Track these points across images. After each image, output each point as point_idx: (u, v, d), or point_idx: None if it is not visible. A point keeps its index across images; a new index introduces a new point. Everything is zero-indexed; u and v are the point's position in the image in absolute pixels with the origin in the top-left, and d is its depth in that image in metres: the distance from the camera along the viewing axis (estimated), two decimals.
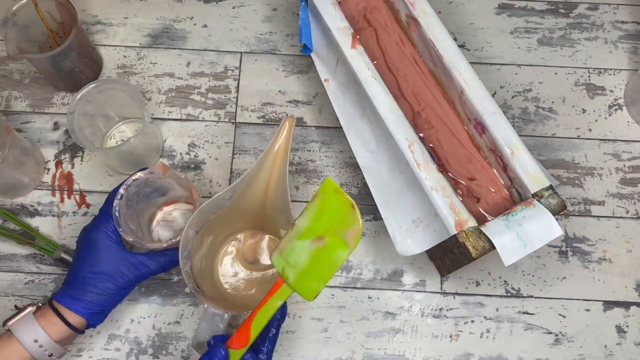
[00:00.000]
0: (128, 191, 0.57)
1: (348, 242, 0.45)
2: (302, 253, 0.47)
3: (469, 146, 0.60)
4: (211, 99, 0.72)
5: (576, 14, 0.77)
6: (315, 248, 0.46)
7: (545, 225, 0.53)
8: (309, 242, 0.47)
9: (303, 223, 0.47)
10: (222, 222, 0.61)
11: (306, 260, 0.47)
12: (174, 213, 0.67)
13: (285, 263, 0.47)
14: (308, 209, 0.47)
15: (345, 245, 0.45)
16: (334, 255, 0.46)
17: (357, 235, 0.45)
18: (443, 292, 0.65)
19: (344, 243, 0.45)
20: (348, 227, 0.45)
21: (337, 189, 0.46)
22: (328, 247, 0.46)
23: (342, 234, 0.45)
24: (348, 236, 0.45)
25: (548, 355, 0.63)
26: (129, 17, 0.76)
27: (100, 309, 0.55)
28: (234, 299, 0.62)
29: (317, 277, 0.46)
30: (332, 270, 0.46)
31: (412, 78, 0.63)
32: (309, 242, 0.47)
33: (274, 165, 0.57)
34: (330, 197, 0.46)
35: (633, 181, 0.69)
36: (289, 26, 0.76)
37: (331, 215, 0.46)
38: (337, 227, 0.46)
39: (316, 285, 0.46)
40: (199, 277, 0.59)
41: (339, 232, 0.46)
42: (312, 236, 0.47)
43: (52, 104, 0.71)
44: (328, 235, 0.46)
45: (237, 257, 0.64)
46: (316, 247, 0.46)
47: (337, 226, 0.46)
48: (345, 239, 0.45)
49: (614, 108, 0.72)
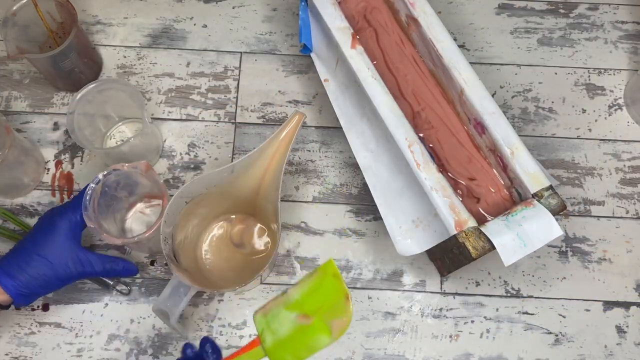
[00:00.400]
0: (107, 178, 0.57)
1: (332, 331, 0.44)
2: (285, 323, 0.46)
3: (468, 146, 0.60)
4: (211, 99, 0.72)
5: (576, 14, 0.77)
6: (299, 324, 0.45)
7: (545, 226, 0.53)
8: (294, 315, 0.46)
9: (295, 294, 0.46)
10: (215, 200, 0.61)
11: (287, 332, 0.45)
12: (150, 210, 0.67)
13: (267, 326, 0.46)
14: (304, 282, 0.46)
15: (329, 333, 0.44)
16: (315, 339, 0.45)
17: (345, 326, 0.44)
18: (443, 292, 0.65)
19: (328, 330, 0.44)
20: (337, 316, 0.44)
21: (337, 274, 0.45)
22: (312, 328, 0.45)
23: (329, 321, 0.44)
24: (334, 325, 0.44)
25: (548, 355, 0.63)
26: (129, 17, 0.76)
27: (29, 291, 0.54)
28: (210, 276, 0.63)
29: (293, 352, 0.45)
30: (309, 352, 0.45)
31: (412, 78, 0.63)
32: (295, 316, 0.46)
33: (274, 155, 0.58)
34: (328, 280, 0.45)
35: (633, 181, 0.69)
36: (289, 26, 0.76)
37: (324, 298, 0.45)
38: (327, 311, 0.45)
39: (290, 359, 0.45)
40: (179, 247, 0.59)
41: (327, 317, 0.45)
42: (300, 311, 0.45)
43: (52, 104, 0.71)
44: (316, 316, 0.45)
45: (224, 237, 0.65)
46: (300, 323, 0.45)
47: (326, 310, 0.45)
48: (331, 326, 0.44)
49: (614, 108, 0.72)
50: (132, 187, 0.63)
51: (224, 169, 0.57)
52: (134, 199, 0.66)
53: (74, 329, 0.63)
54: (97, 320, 0.63)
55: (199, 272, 0.62)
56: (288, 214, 0.67)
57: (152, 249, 0.64)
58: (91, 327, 0.63)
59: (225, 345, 0.62)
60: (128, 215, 0.66)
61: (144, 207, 0.67)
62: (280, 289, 0.64)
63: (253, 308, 0.64)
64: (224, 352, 0.62)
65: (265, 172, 0.59)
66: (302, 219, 0.67)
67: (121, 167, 0.58)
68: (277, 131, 0.57)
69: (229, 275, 0.63)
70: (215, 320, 0.63)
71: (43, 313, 0.63)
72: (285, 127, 0.57)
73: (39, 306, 0.63)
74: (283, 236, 0.67)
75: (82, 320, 0.63)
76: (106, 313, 0.63)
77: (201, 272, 0.63)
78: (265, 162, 0.58)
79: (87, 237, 0.66)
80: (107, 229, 0.59)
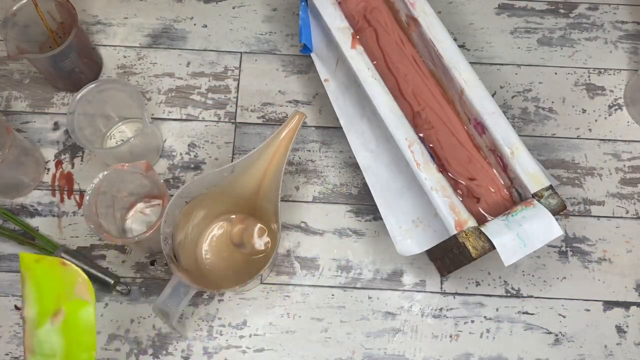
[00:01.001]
0: (107, 178, 0.58)
1: (84, 298, 0.43)
2: (51, 338, 0.43)
3: (468, 146, 0.60)
4: (211, 99, 0.72)
5: (576, 14, 0.77)
6: (59, 324, 0.43)
7: (545, 225, 0.53)
8: (49, 324, 0.43)
9: (30, 310, 0.44)
10: (215, 200, 0.61)
11: (60, 342, 0.43)
12: (150, 210, 0.67)
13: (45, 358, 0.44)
14: (25, 294, 0.44)
15: (84, 302, 0.43)
16: (81, 318, 0.43)
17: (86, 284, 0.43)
18: (443, 292, 0.65)
19: (80, 301, 0.43)
20: (73, 284, 0.43)
21: (38, 257, 0.44)
22: (69, 315, 0.43)
23: (73, 294, 0.43)
24: (79, 291, 0.43)
25: (548, 355, 0.63)
26: (129, 17, 0.76)
27: None
28: (210, 276, 0.63)
29: (81, 347, 0.43)
30: (90, 333, 0.43)
31: (412, 78, 0.63)
32: (50, 324, 0.43)
33: (274, 155, 0.58)
34: (37, 270, 0.43)
35: (633, 181, 0.69)
36: (289, 26, 0.76)
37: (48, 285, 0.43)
38: (64, 290, 0.43)
39: (87, 355, 0.43)
40: (179, 247, 0.59)
41: (69, 294, 0.43)
42: (48, 316, 0.43)
43: (52, 104, 0.71)
44: (62, 304, 0.43)
45: (224, 237, 0.65)
46: (59, 322, 0.43)
47: (63, 290, 0.43)
48: (80, 296, 0.43)
49: (614, 108, 0.72)
50: (132, 187, 0.63)
51: (224, 169, 0.57)
52: (134, 199, 0.66)
53: None
54: (97, 320, 0.63)
55: (199, 272, 0.62)
56: (288, 214, 0.67)
57: (152, 249, 0.64)
58: None
59: (225, 345, 0.62)
60: (128, 215, 0.66)
61: (144, 207, 0.67)
62: (280, 288, 0.64)
63: (253, 308, 0.64)
64: (224, 351, 0.62)
65: (265, 172, 0.59)
66: (302, 219, 0.67)
67: (121, 167, 0.58)
68: (277, 131, 0.57)
69: (229, 275, 0.63)
70: (215, 320, 0.63)
71: None
72: (285, 127, 0.57)
73: None
74: (283, 236, 0.67)
75: None
76: (106, 313, 0.63)
77: (201, 272, 0.63)
78: (265, 162, 0.58)
79: (87, 237, 0.66)
80: (107, 229, 0.59)
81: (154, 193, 0.65)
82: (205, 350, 0.62)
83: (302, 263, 0.66)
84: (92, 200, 0.57)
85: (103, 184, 0.58)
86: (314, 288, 0.65)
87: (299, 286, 0.65)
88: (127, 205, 0.66)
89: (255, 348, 0.63)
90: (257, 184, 0.60)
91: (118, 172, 0.58)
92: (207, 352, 0.62)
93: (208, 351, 0.62)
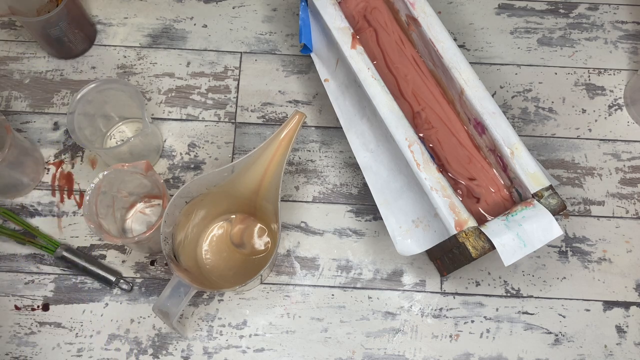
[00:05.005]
0: (107, 177, 0.58)
1: None
2: None
3: (468, 146, 0.60)
4: (211, 99, 0.72)
5: (576, 14, 0.77)
6: None
7: (545, 225, 0.53)
8: None
9: None
10: (215, 200, 0.61)
11: None
12: (150, 210, 0.67)
13: None
14: None
15: None
16: None
17: None
18: (443, 292, 0.65)
19: None
20: None
21: None
22: None
23: None
24: None
25: (548, 355, 0.63)
26: (129, 17, 0.76)
27: None
28: (210, 276, 0.63)
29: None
30: None
31: (412, 78, 0.63)
32: None
33: (274, 155, 0.58)
34: None
35: (633, 181, 0.69)
36: (289, 26, 0.76)
37: None
38: None
39: None
40: (179, 247, 0.59)
41: None
42: None
43: (52, 104, 0.71)
44: None
45: (224, 237, 0.65)
46: None
47: None
48: None
49: (613, 108, 0.72)
50: (132, 187, 0.63)
51: (224, 169, 0.57)
52: (134, 199, 0.66)
53: (74, 329, 0.63)
54: (97, 320, 0.63)
55: (199, 272, 0.62)
56: (288, 214, 0.67)
57: (152, 249, 0.64)
58: (91, 327, 0.63)
59: (225, 345, 0.62)
60: (128, 215, 0.66)
61: (144, 207, 0.67)
62: (280, 288, 0.64)
63: (253, 308, 0.64)
64: (224, 351, 0.62)
65: (265, 172, 0.59)
66: (302, 219, 0.67)
67: (121, 167, 0.58)
68: (277, 131, 0.57)
69: (229, 275, 0.63)
70: (215, 320, 0.63)
71: (43, 313, 0.63)
72: (285, 127, 0.57)
73: (39, 306, 0.63)
74: (283, 236, 0.67)
75: (82, 320, 0.63)
76: (106, 313, 0.63)
77: (201, 272, 0.63)
78: (265, 162, 0.58)
79: (87, 237, 0.66)
80: (107, 229, 0.59)
81: (154, 193, 0.66)
82: (205, 350, 0.62)
83: (302, 263, 0.66)
84: (92, 200, 0.57)
85: (103, 184, 0.58)
86: (314, 288, 0.65)
87: (299, 286, 0.65)
88: (127, 205, 0.66)
89: (255, 348, 0.63)
90: (257, 184, 0.60)
91: (118, 172, 0.58)
92: (207, 352, 0.62)
93: (208, 351, 0.62)
